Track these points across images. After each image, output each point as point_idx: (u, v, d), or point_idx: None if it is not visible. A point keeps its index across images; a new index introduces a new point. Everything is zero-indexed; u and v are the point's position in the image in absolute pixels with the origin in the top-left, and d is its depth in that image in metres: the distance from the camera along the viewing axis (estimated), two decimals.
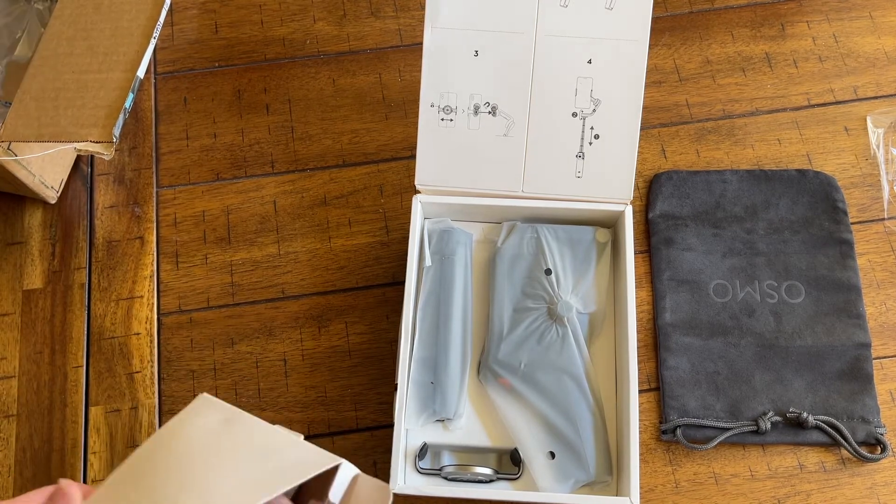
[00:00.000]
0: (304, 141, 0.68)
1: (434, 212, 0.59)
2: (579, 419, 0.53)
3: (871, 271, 0.62)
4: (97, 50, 0.58)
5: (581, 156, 0.56)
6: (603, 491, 0.53)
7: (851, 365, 0.58)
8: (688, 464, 0.57)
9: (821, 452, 0.57)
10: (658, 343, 0.60)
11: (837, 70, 0.70)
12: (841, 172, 0.65)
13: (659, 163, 0.67)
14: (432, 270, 0.58)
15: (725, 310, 0.60)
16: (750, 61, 0.70)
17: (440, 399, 0.54)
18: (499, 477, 0.53)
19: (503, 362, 0.55)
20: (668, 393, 0.58)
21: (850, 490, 0.56)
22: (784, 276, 0.61)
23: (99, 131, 0.54)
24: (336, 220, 0.65)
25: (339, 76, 0.71)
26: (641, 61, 0.55)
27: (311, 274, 0.63)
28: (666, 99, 0.69)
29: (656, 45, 0.71)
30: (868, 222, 0.64)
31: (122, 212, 0.66)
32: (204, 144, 0.69)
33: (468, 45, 0.56)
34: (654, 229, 0.63)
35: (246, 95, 0.70)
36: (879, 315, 0.61)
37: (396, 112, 0.69)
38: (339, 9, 0.74)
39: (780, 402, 0.57)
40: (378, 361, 0.60)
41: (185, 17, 0.74)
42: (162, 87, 0.71)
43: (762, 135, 0.67)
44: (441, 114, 0.56)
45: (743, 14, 0.72)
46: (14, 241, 0.65)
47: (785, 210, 0.63)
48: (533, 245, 0.58)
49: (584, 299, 0.57)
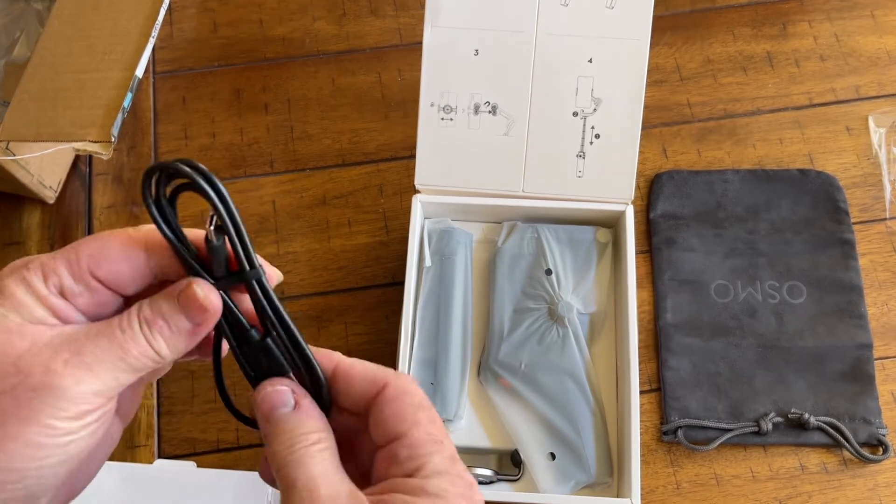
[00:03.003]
0: (304, 140, 0.68)
1: (434, 212, 0.59)
2: (580, 420, 0.53)
3: (873, 271, 0.62)
4: (96, 49, 0.58)
5: (582, 155, 0.56)
6: (604, 492, 0.53)
7: (853, 366, 0.58)
8: (689, 465, 0.57)
9: (822, 453, 0.57)
10: (659, 344, 0.60)
11: (839, 69, 0.69)
12: (843, 172, 0.65)
13: (660, 162, 0.66)
14: (432, 271, 0.58)
15: (727, 310, 0.60)
16: (751, 60, 0.70)
17: (440, 400, 0.54)
18: (499, 478, 0.53)
19: (503, 363, 0.55)
20: (670, 394, 0.58)
21: (851, 491, 0.55)
22: (786, 276, 0.61)
23: (97, 131, 0.54)
24: (336, 220, 0.65)
25: (338, 75, 0.71)
26: (642, 60, 0.54)
27: (311, 274, 0.63)
28: (667, 98, 0.69)
29: (657, 44, 0.70)
30: (870, 222, 0.64)
31: (121, 212, 0.66)
32: (203, 144, 0.68)
33: (468, 44, 0.55)
34: (656, 229, 0.63)
35: (245, 95, 0.70)
36: (881, 315, 0.60)
37: (396, 111, 0.69)
38: (339, 8, 0.73)
39: (781, 402, 0.57)
40: (378, 362, 0.60)
41: (183, 16, 0.74)
42: (161, 87, 0.71)
43: (764, 134, 0.67)
44: (441, 113, 0.56)
45: (744, 13, 0.72)
46: (12, 241, 0.64)
47: (786, 210, 0.63)
48: (533, 245, 0.58)
49: (584, 300, 0.57)
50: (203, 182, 0.27)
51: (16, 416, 0.26)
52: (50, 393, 0.26)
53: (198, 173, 0.27)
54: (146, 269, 0.29)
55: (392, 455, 0.29)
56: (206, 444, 0.58)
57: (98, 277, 0.28)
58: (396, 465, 0.29)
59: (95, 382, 0.27)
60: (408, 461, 0.29)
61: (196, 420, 0.59)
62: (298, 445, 0.29)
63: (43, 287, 0.28)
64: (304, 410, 0.30)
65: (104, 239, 0.29)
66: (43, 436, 0.26)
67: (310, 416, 0.30)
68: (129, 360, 0.28)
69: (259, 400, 0.30)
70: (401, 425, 0.29)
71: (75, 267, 0.28)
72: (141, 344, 0.28)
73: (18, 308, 0.27)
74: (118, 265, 0.29)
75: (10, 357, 0.27)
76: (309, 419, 0.30)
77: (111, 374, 0.28)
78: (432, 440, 0.29)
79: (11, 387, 0.26)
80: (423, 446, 0.29)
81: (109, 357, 0.28)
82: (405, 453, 0.29)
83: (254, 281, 0.30)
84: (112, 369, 0.28)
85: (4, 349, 0.27)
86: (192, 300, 0.29)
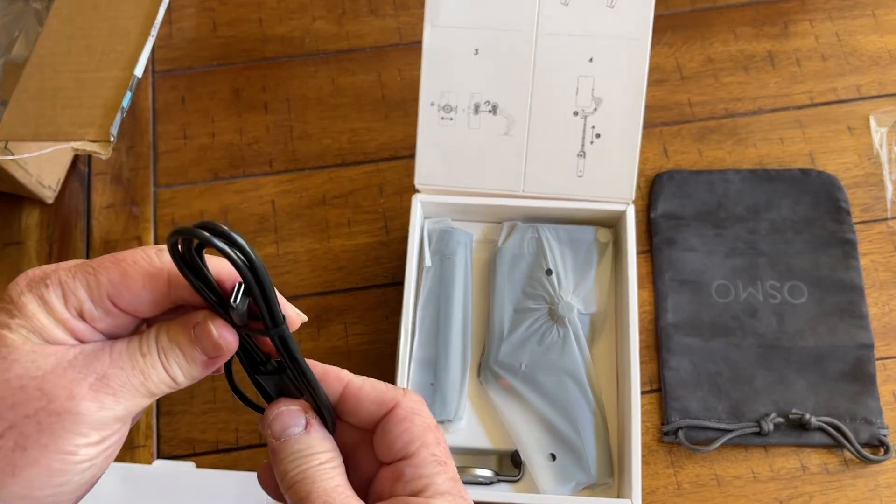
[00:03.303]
0: (303, 140, 0.68)
1: (434, 211, 0.59)
2: (580, 420, 0.53)
3: (874, 271, 0.62)
4: (95, 49, 0.58)
5: (582, 155, 0.56)
6: (604, 493, 0.53)
7: (854, 366, 0.58)
8: (690, 465, 0.56)
9: (823, 454, 0.57)
10: (660, 344, 0.59)
11: (840, 69, 0.69)
12: (844, 172, 0.65)
13: (661, 162, 0.66)
14: (432, 271, 0.57)
15: (727, 310, 0.60)
16: (752, 60, 0.70)
17: (440, 400, 0.54)
18: (499, 479, 0.53)
19: (504, 363, 0.55)
20: (670, 394, 0.58)
21: (852, 492, 0.55)
22: (786, 276, 0.61)
23: (96, 130, 0.54)
24: (335, 219, 0.65)
25: (338, 75, 0.70)
26: (643, 60, 0.54)
27: (311, 274, 0.63)
28: (668, 98, 0.68)
29: (658, 43, 0.70)
30: (871, 222, 0.63)
31: (120, 211, 0.66)
32: (202, 143, 0.68)
33: (468, 43, 0.55)
34: (656, 229, 0.63)
35: (244, 94, 0.70)
36: (882, 315, 0.60)
37: (396, 111, 0.69)
38: (339, 7, 0.73)
39: (782, 403, 0.57)
40: (378, 362, 0.60)
41: (183, 15, 0.73)
42: (160, 86, 0.70)
43: (765, 134, 0.67)
44: (441, 113, 0.56)
45: (745, 12, 0.72)
46: (11, 241, 0.64)
47: (787, 210, 0.63)
48: (534, 245, 0.58)
49: (585, 300, 0.56)
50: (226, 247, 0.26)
51: (38, 442, 0.26)
52: (73, 419, 0.26)
53: (219, 238, 0.26)
54: (167, 298, 0.29)
55: (398, 473, 0.30)
56: (206, 445, 0.58)
57: (118, 305, 0.28)
58: (402, 483, 0.30)
59: (118, 407, 0.27)
60: (413, 480, 0.30)
61: (195, 420, 0.59)
62: (312, 463, 0.30)
63: (63, 310, 0.28)
64: (315, 430, 0.31)
65: (127, 269, 0.28)
66: (64, 462, 0.26)
67: (321, 436, 0.31)
68: (149, 386, 0.28)
69: (271, 419, 0.31)
70: (409, 446, 0.30)
71: (95, 292, 0.28)
72: (159, 371, 0.29)
73: (41, 330, 0.27)
74: (139, 296, 0.29)
75: (35, 380, 0.26)
76: (321, 440, 0.31)
77: (133, 400, 0.28)
78: (437, 461, 0.30)
79: (35, 411, 0.26)
80: (428, 467, 0.30)
81: (132, 382, 0.28)
82: (411, 472, 0.30)
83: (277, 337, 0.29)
84: (134, 395, 0.28)
85: (29, 371, 0.26)
86: (207, 337, 0.29)
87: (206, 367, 0.30)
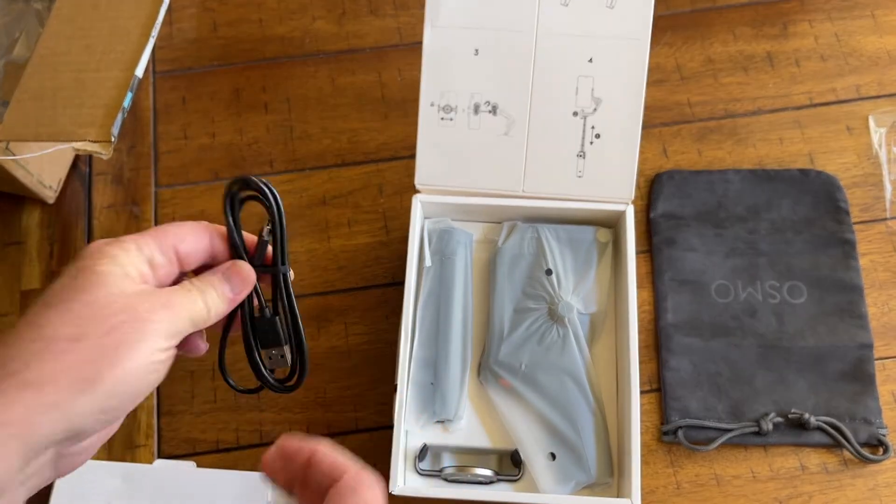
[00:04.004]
0: (303, 140, 0.68)
1: (434, 212, 0.59)
2: (580, 420, 0.53)
3: (874, 271, 0.62)
4: (95, 49, 0.58)
5: (582, 155, 0.56)
6: (604, 492, 0.53)
7: (853, 366, 0.58)
8: (689, 465, 0.56)
9: (823, 453, 0.57)
10: (659, 344, 0.60)
11: (839, 69, 0.69)
12: (843, 172, 0.65)
13: (660, 162, 0.66)
14: (432, 271, 0.58)
15: (727, 310, 0.60)
16: (752, 60, 0.70)
17: (440, 400, 0.54)
18: (499, 478, 0.53)
19: (504, 363, 0.55)
20: (670, 394, 0.58)
21: (852, 491, 0.55)
22: (786, 276, 0.61)
23: (97, 130, 0.54)
24: (335, 219, 0.65)
25: (338, 75, 0.70)
26: (643, 60, 0.54)
27: (311, 274, 0.63)
28: (667, 98, 0.69)
29: (658, 43, 0.70)
30: (870, 222, 0.64)
31: (121, 211, 0.66)
32: (202, 144, 0.68)
33: (468, 43, 0.55)
34: (656, 229, 0.63)
35: (245, 94, 0.70)
36: (882, 315, 0.60)
37: (396, 111, 0.69)
38: (339, 7, 0.73)
39: (781, 402, 0.57)
40: (378, 362, 0.60)
41: (183, 15, 0.73)
42: (160, 86, 0.71)
43: (764, 134, 0.67)
44: (441, 113, 0.56)
45: (745, 13, 0.72)
46: (12, 241, 0.64)
47: (787, 210, 0.63)
48: (533, 245, 0.58)
49: (585, 300, 0.56)
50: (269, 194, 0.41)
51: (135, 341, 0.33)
52: (155, 329, 0.34)
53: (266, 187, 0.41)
54: (209, 249, 0.40)
55: None
56: (206, 444, 0.58)
57: (179, 252, 0.38)
58: None
59: (179, 324, 0.36)
60: None
61: (196, 420, 0.59)
62: None
63: (138, 256, 0.36)
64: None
65: (187, 224, 0.39)
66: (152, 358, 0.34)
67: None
68: (194, 312, 0.37)
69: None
70: None
71: (163, 243, 0.37)
72: (199, 302, 0.37)
73: (124, 266, 0.35)
74: (195, 244, 0.39)
75: (126, 297, 0.34)
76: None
77: (184, 322, 0.36)
78: None
79: (129, 319, 0.34)
80: None
81: (185, 307, 0.36)
82: None
83: (282, 274, 0.42)
84: (185, 318, 0.36)
85: (123, 290, 0.34)
86: (236, 273, 0.39)
87: (230, 303, 0.39)
